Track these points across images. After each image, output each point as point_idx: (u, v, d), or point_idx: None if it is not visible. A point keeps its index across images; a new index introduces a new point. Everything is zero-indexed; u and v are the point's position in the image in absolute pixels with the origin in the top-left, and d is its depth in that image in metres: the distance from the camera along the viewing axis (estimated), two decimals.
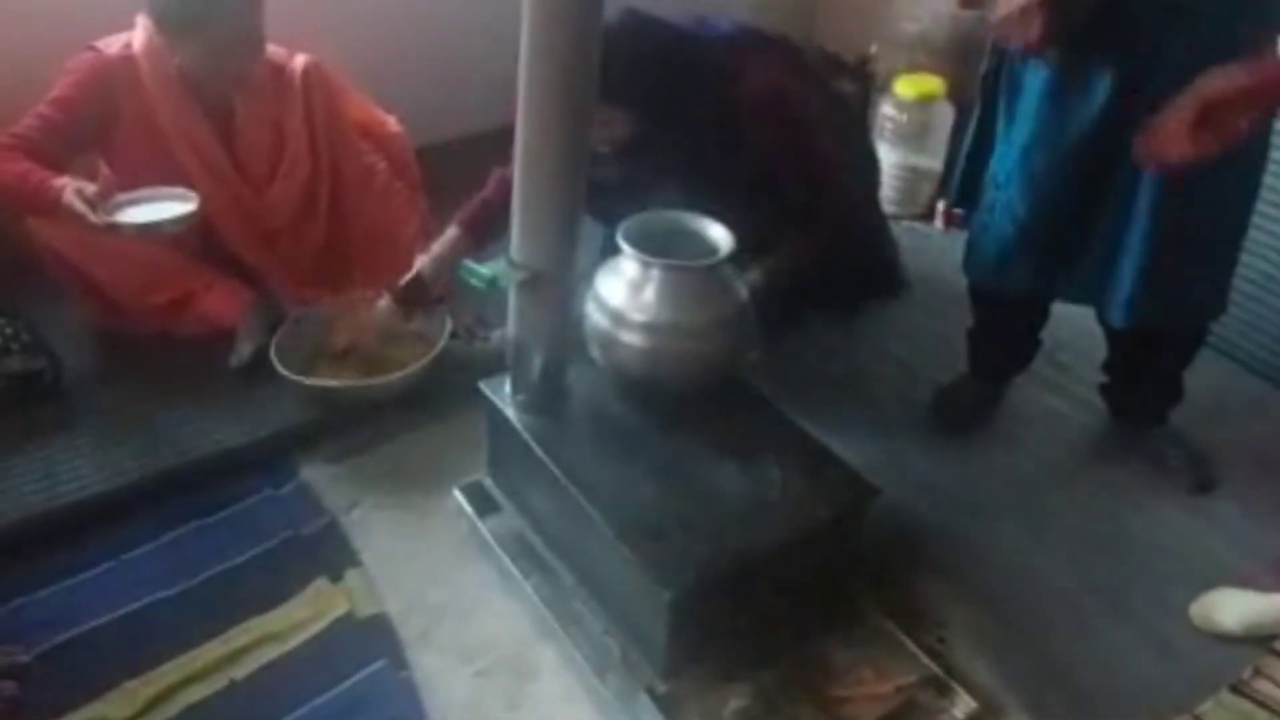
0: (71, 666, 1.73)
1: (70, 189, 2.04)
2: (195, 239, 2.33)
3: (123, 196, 2.15)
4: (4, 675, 1.69)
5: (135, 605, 1.83)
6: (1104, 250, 1.89)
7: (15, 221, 2.28)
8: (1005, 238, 1.98)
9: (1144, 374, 2.18)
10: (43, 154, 2.12)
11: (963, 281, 2.20)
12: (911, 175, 3.13)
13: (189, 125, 2.27)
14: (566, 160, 1.53)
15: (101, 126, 2.23)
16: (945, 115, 3.09)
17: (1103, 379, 2.27)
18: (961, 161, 2.12)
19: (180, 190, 2.20)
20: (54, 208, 2.06)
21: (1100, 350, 2.22)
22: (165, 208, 2.17)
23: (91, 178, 2.17)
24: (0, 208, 2.22)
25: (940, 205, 3.13)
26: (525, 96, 1.49)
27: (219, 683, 1.72)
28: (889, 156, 3.05)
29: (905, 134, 3.11)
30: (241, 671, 1.74)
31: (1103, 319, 2.05)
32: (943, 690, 1.70)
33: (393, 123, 2.64)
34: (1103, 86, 1.75)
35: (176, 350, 2.38)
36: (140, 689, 1.69)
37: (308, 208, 2.46)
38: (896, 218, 3.02)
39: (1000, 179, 1.96)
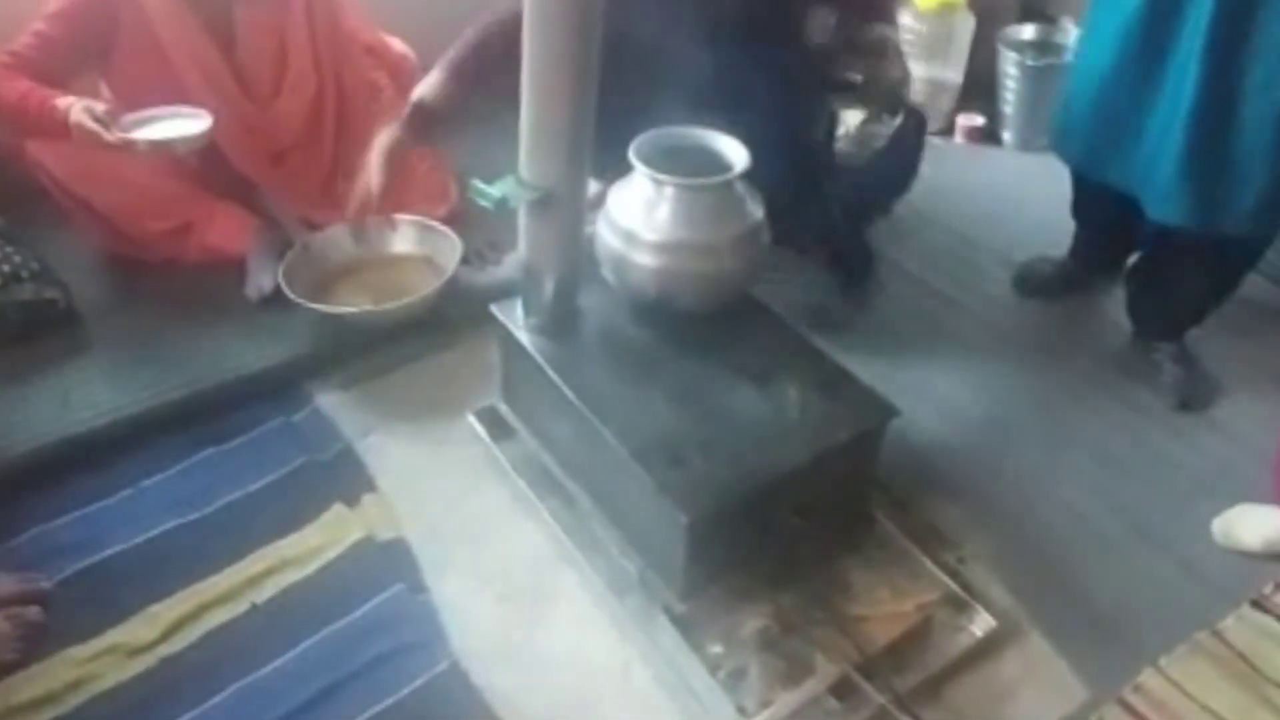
0: (93, 593, 1.74)
1: (78, 107, 2.00)
2: (200, 160, 2.29)
3: (133, 116, 2.11)
4: (28, 601, 1.71)
5: (154, 532, 1.84)
6: (1152, 137, 1.88)
7: (16, 147, 2.24)
8: (1067, 98, 2.05)
9: (1168, 287, 2.13)
10: (43, 72, 2.07)
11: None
12: (931, 88, 3.04)
13: (188, 38, 2.21)
14: (576, 75, 1.48)
15: (101, 43, 2.18)
16: (966, 25, 3.00)
17: (1129, 286, 2.25)
18: None
19: (190, 109, 2.16)
20: (60, 128, 2.01)
21: None
22: (178, 125, 2.13)
23: (92, 98, 2.12)
24: (1, 129, 2.17)
25: (960, 120, 3.05)
26: (531, 8, 1.43)
27: (240, 607, 1.73)
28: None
29: (925, 45, 3.01)
30: (262, 596, 1.75)
31: (1145, 215, 2.01)
32: (961, 609, 1.70)
33: (397, 43, 2.57)
34: None
35: (186, 277, 2.36)
36: (163, 613, 1.70)
37: (315, 125, 2.41)
38: None
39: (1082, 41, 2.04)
